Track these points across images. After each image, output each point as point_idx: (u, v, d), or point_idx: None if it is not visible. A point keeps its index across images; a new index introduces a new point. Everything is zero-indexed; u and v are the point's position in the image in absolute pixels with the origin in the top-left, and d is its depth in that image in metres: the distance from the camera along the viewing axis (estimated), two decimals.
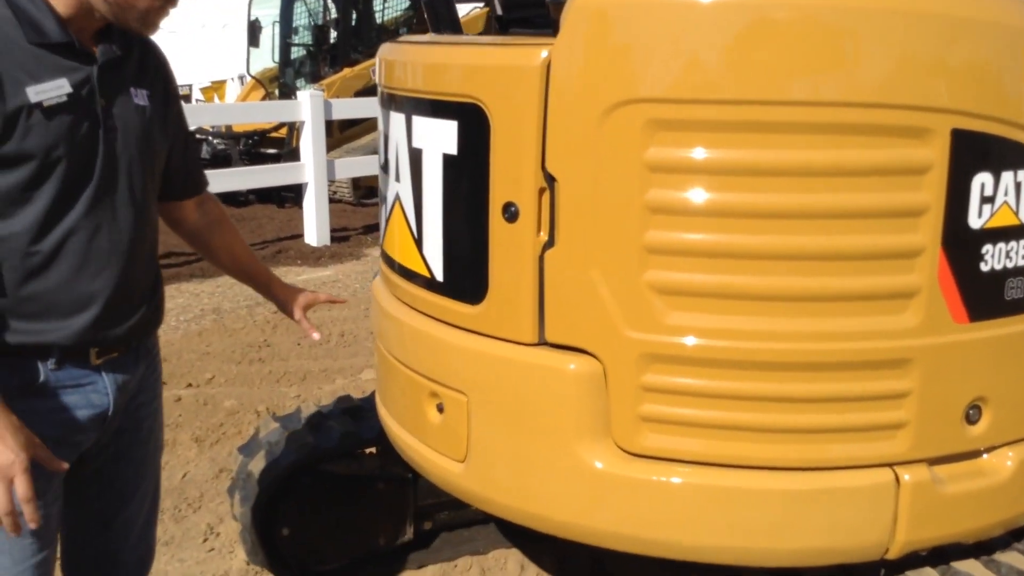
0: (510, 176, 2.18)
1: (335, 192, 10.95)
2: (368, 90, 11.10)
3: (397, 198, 2.55)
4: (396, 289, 2.65)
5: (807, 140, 1.97)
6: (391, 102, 2.59)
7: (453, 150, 2.29)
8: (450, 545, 3.64)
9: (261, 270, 2.63)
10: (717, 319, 2.06)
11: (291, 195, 10.87)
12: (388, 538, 3.47)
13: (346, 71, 12.01)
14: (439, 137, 2.32)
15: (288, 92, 12.37)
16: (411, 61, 2.51)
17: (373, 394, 3.65)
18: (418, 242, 2.47)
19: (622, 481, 2.19)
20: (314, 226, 9.47)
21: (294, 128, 10.38)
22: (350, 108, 10.25)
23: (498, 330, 2.28)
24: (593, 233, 2.10)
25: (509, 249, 2.21)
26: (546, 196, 2.16)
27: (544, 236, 2.18)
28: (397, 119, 2.52)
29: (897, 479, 2.14)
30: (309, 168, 9.32)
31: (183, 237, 2.50)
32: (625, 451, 2.19)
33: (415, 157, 2.43)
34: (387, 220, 2.67)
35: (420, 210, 2.43)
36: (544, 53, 2.09)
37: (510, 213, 2.18)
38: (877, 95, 1.95)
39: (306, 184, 9.37)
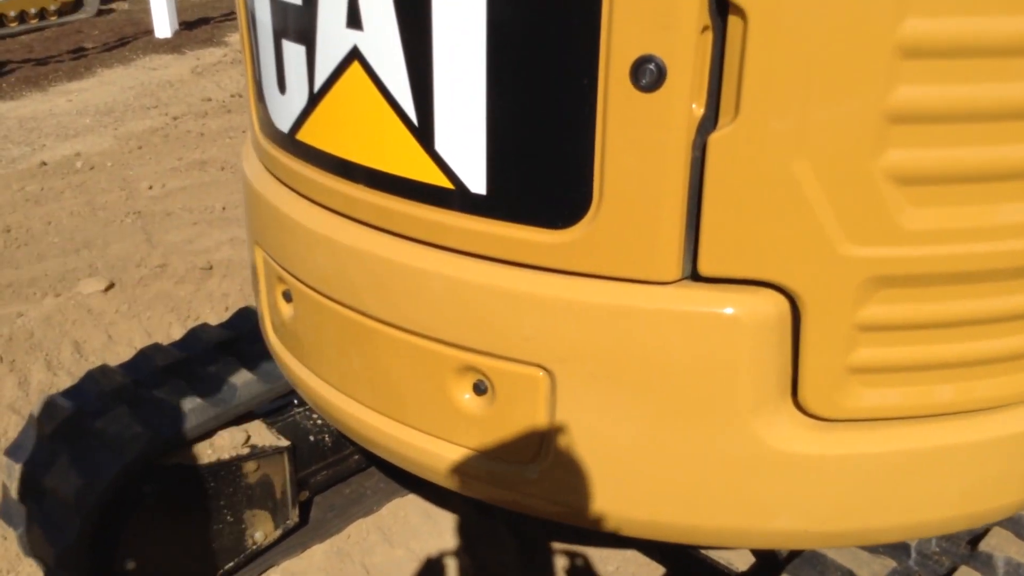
0: (649, 11, 1.27)
1: None
2: None
3: (355, 58, 1.51)
4: (357, 207, 1.63)
5: None
6: None
7: None
8: (335, 512, 2.76)
9: None
10: (988, 212, 1.37)
11: None
12: (268, 528, 2.51)
13: None
14: None
15: None
16: None
17: (193, 334, 2.59)
18: (421, 133, 1.48)
19: (818, 461, 1.50)
20: None
21: None
22: None
23: (611, 265, 1.42)
24: (804, 98, 1.28)
25: (641, 133, 1.33)
26: (707, 44, 1.29)
27: (700, 109, 1.32)
28: None
29: None
30: None
31: None
32: (819, 418, 1.49)
33: None
34: (315, 94, 1.62)
35: (427, 80, 1.44)
36: None
37: (649, 75, 1.29)
38: None
39: None
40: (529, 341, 1.50)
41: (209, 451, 2.34)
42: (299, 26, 1.60)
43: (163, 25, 10.60)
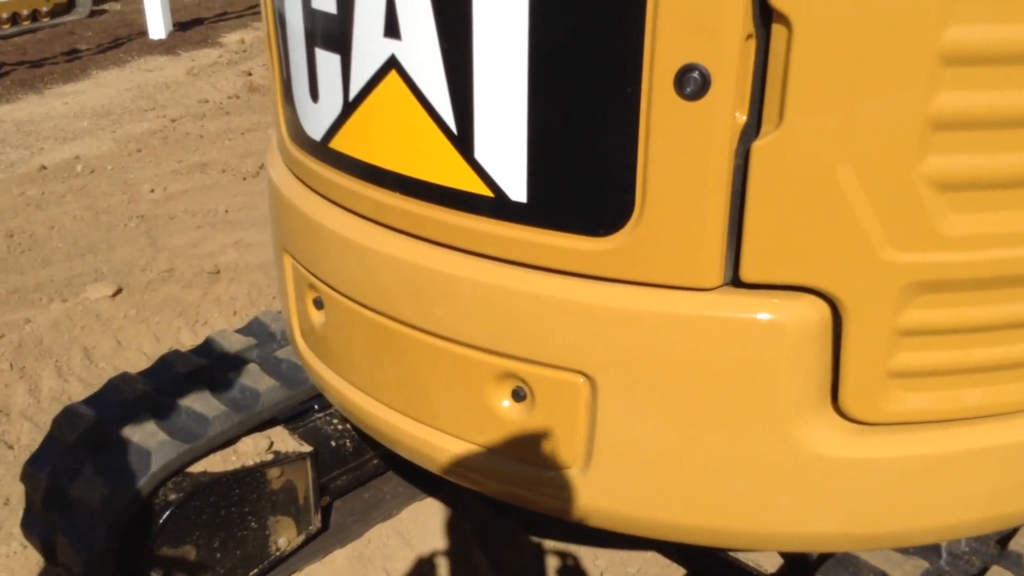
0: (694, 20, 1.27)
1: None
2: None
3: (392, 67, 1.52)
4: (393, 215, 1.64)
5: None
6: None
7: None
8: (355, 517, 2.76)
9: None
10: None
11: None
12: (291, 534, 2.51)
13: None
14: None
15: None
16: None
17: (212, 340, 2.59)
18: (460, 142, 1.48)
19: (857, 465, 1.51)
20: None
21: None
22: None
23: (653, 272, 1.43)
24: (848, 105, 1.29)
25: (685, 141, 1.34)
26: (751, 52, 1.30)
27: (743, 117, 1.33)
28: None
29: None
30: None
31: None
32: (859, 422, 1.50)
33: None
34: (350, 102, 1.62)
35: (467, 89, 1.44)
36: None
37: (693, 83, 1.30)
38: None
39: None
40: (570, 348, 1.50)
41: (233, 458, 2.34)
42: (334, 34, 1.60)
43: (157, 26, 10.55)
